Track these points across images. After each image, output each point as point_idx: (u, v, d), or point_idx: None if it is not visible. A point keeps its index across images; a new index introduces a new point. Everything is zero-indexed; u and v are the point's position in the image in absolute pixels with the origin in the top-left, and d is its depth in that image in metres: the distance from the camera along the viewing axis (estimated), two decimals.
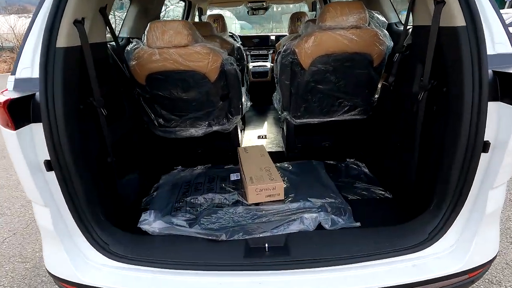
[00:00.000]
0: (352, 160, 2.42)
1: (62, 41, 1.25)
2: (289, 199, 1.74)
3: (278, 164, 2.28)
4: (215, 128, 2.14)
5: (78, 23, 1.33)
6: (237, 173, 2.11)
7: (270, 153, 2.71)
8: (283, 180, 1.87)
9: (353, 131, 2.32)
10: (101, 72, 1.60)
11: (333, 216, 1.56)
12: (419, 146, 1.54)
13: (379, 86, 2.03)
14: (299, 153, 2.41)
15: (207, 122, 2.14)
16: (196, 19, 4.43)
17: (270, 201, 1.72)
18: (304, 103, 2.08)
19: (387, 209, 1.74)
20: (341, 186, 2.02)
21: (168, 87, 1.88)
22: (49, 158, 1.22)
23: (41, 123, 1.18)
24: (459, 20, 1.20)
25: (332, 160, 2.40)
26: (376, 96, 2.08)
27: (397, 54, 1.75)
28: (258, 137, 3.18)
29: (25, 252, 2.31)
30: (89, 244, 1.36)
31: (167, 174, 2.28)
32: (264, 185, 1.69)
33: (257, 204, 1.70)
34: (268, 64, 4.35)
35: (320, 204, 1.65)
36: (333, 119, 2.17)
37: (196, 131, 2.15)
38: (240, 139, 2.53)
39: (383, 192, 1.94)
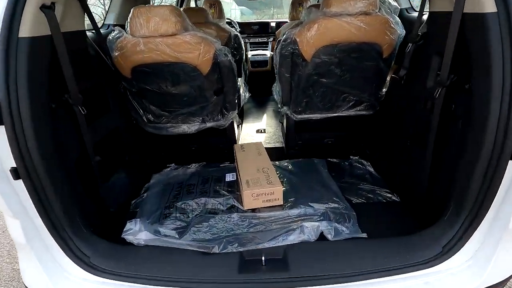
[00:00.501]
0: (356, 158, 2.27)
1: (26, 30, 1.08)
2: (289, 204, 1.60)
3: (277, 163, 2.13)
4: (209, 124, 1.98)
5: (47, 8, 1.15)
6: (233, 173, 1.97)
7: (269, 149, 2.56)
8: (282, 182, 1.73)
9: (358, 128, 2.15)
10: (79, 65, 1.43)
11: (336, 224, 1.42)
12: (433, 148, 1.39)
13: (388, 79, 1.85)
14: (299, 151, 2.26)
15: (200, 118, 1.98)
16: (192, 4, 4.19)
17: (268, 207, 1.58)
18: (306, 98, 1.91)
19: (395, 215, 1.61)
20: (345, 188, 1.88)
21: (156, 80, 1.71)
22: (15, 165, 1.08)
23: (3, 126, 1.03)
24: (489, 6, 1.02)
25: (335, 157, 2.26)
26: (384, 90, 1.91)
27: (409, 44, 1.57)
28: (257, 131, 3.03)
29: (14, 252, 2.20)
30: (68, 257, 1.23)
31: (159, 173, 2.14)
32: (262, 190, 1.55)
33: (253, 210, 1.57)
34: (268, 53, 4.14)
35: (322, 210, 1.52)
36: (336, 114, 2.01)
37: (189, 128, 1.99)
38: (237, 134, 2.37)
39: (390, 195, 1.80)
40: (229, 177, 1.92)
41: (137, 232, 1.32)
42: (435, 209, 1.42)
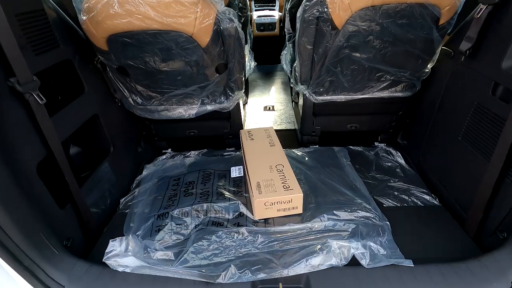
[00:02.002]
0: (382, 145, 1.94)
1: None
2: (309, 212, 1.31)
3: (291, 151, 1.81)
4: (210, 107, 1.63)
5: None
6: (239, 167, 1.66)
7: (279, 132, 2.23)
8: (299, 180, 1.42)
9: (389, 111, 1.79)
10: (31, 35, 1.05)
11: (371, 244, 1.14)
12: (507, 152, 1.05)
13: (438, 51, 1.45)
14: (316, 136, 1.93)
15: (199, 100, 1.61)
16: None
17: (284, 216, 1.29)
18: (331, 77, 1.53)
19: (439, 225, 1.32)
20: (372, 185, 1.58)
21: (141, 54, 1.32)
22: None
23: None
24: None
25: (357, 145, 1.93)
26: (430, 66, 1.51)
27: (480, 7, 1.16)
28: (265, 108, 2.66)
29: None
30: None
31: (152, 163, 1.83)
32: (277, 198, 1.24)
33: (266, 220, 1.28)
34: (276, 14, 3.60)
35: (352, 224, 1.23)
36: (366, 96, 1.64)
37: (186, 111, 1.64)
38: (242, 114, 2.02)
39: (427, 196, 1.50)
40: (235, 172, 1.61)
41: (122, 256, 1.05)
42: (492, 224, 1.13)
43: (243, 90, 1.69)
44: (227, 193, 1.42)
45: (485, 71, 1.18)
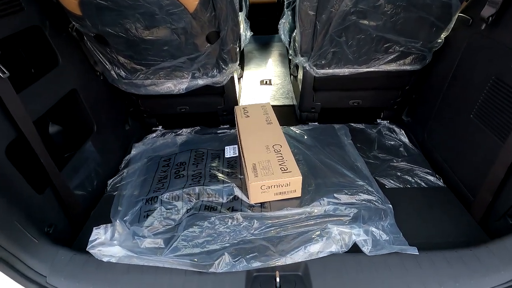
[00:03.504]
0: (385, 122, 1.84)
1: None
2: (308, 195, 1.23)
3: (289, 129, 1.71)
4: (201, 81, 1.49)
5: None
6: (234, 146, 1.56)
7: (277, 108, 2.10)
8: (297, 161, 1.33)
9: (394, 85, 1.67)
10: None
11: (373, 229, 1.07)
12: None
13: (454, 18, 1.30)
14: (315, 113, 1.81)
15: (189, 74, 1.47)
16: None
17: (282, 199, 1.22)
18: (334, 47, 1.39)
19: (444, 208, 1.26)
20: (374, 166, 1.50)
21: (120, 20, 1.16)
22: None
23: None
24: None
25: (358, 121, 1.82)
26: (444, 36, 1.37)
27: None
28: (261, 82, 2.51)
29: None
30: (16, 282, 0.91)
31: (142, 141, 1.72)
32: (274, 181, 1.16)
33: (262, 204, 1.20)
34: None
35: (354, 208, 1.16)
36: (371, 69, 1.51)
37: (176, 86, 1.50)
38: (237, 88, 1.88)
39: (431, 177, 1.43)
40: (230, 152, 1.51)
41: (107, 245, 0.97)
42: (501, 208, 1.07)
43: (238, 63, 1.54)
44: (220, 175, 1.33)
45: (509, 41, 1.06)
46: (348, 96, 1.71)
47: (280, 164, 1.21)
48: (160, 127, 1.90)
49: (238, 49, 1.42)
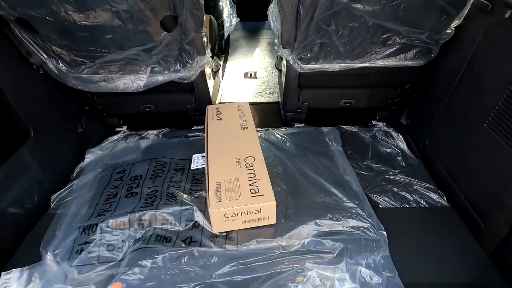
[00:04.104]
0: (381, 125, 1.61)
1: None
2: (285, 221, 1.01)
3: (269, 132, 1.47)
4: (162, 77, 1.24)
5: None
6: (204, 154, 1.32)
7: (261, 106, 1.88)
8: (274, 174, 1.11)
9: (394, 85, 1.43)
10: None
11: (362, 270, 0.86)
12: None
13: (470, 2, 1.06)
14: (301, 113, 1.57)
15: (148, 68, 1.22)
16: None
17: (252, 228, 0.99)
18: (322, 38, 1.14)
19: (448, 235, 1.05)
20: (367, 179, 1.28)
21: (46, 1, 0.89)
22: None
23: None
24: None
25: (350, 123, 1.59)
26: (454, 25, 1.13)
27: None
28: (245, 75, 2.25)
29: None
30: None
31: (98, 147, 1.47)
32: (240, 207, 0.93)
33: (227, 234, 0.98)
34: None
35: (338, 243, 0.94)
36: (366, 65, 1.26)
37: (133, 83, 1.25)
38: (212, 86, 1.63)
39: (433, 194, 1.21)
40: (197, 162, 1.28)
41: None
42: None
43: (208, 55, 1.29)
44: (181, 193, 1.10)
45: None
46: (339, 95, 1.47)
47: (251, 184, 0.98)
48: (124, 128, 1.65)
49: (204, 39, 1.16)
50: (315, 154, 1.35)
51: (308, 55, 1.22)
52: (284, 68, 1.47)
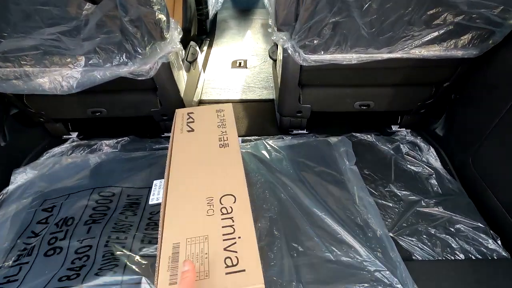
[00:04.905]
0: (405, 133, 1.25)
1: None
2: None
3: (259, 144, 1.11)
4: (101, 74, 0.85)
5: None
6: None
7: (251, 105, 1.51)
8: (265, 220, 0.76)
9: (427, 82, 1.06)
10: None
11: None
12: None
13: None
14: (302, 118, 1.21)
15: (82, 60, 0.83)
16: None
17: None
18: (337, 15, 0.75)
19: None
20: (392, 213, 0.94)
21: None
22: None
23: None
24: None
25: (365, 128, 1.25)
26: None
27: None
28: (233, 64, 1.85)
29: None
30: None
31: (30, 164, 1.10)
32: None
33: None
34: None
35: None
36: (396, 55, 0.89)
37: (63, 82, 0.87)
38: (184, 82, 1.23)
39: (486, 238, 0.88)
40: (158, 194, 0.92)
41: None
42: None
43: (175, 39, 0.90)
44: (125, 252, 0.73)
45: None
46: (353, 95, 1.10)
47: (226, 249, 0.62)
48: (74, 135, 1.28)
49: (161, 15, 0.77)
50: (321, 178, 0.99)
51: (315, 41, 0.84)
52: (280, 59, 1.08)
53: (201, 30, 1.99)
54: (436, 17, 0.77)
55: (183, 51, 0.99)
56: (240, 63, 1.84)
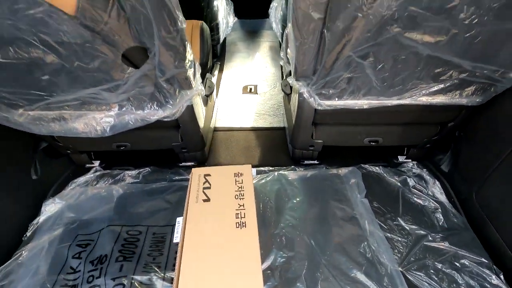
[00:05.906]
0: (411, 165, 1.31)
1: None
2: None
3: (274, 177, 1.17)
4: (133, 119, 0.92)
5: None
6: None
7: (262, 133, 1.57)
8: (273, 243, 0.81)
9: (434, 122, 1.13)
10: None
11: None
12: None
13: None
14: (315, 151, 1.27)
15: (116, 107, 0.90)
16: None
17: None
18: (353, 72, 0.82)
19: None
20: (400, 245, 1.00)
21: None
22: None
23: None
24: None
25: (373, 159, 1.31)
26: None
27: None
28: (244, 89, 1.92)
29: None
30: None
31: (58, 195, 1.16)
32: None
33: None
34: None
35: None
36: (404, 102, 0.96)
37: (98, 126, 0.93)
38: (204, 115, 1.31)
39: (489, 274, 0.94)
40: (179, 234, 0.98)
41: None
42: None
43: (198, 86, 0.97)
44: (155, 277, 0.80)
45: None
46: (364, 132, 1.17)
47: None
48: (96, 164, 1.35)
49: (190, 72, 0.84)
50: (334, 214, 1.05)
51: (330, 91, 0.91)
52: (294, 99, 1.15)
53: (212, 55, 2.07)
54: (443, 74, 0.84)
55: (204, 90, 1.06)
56: (250, 89, 1.91)
